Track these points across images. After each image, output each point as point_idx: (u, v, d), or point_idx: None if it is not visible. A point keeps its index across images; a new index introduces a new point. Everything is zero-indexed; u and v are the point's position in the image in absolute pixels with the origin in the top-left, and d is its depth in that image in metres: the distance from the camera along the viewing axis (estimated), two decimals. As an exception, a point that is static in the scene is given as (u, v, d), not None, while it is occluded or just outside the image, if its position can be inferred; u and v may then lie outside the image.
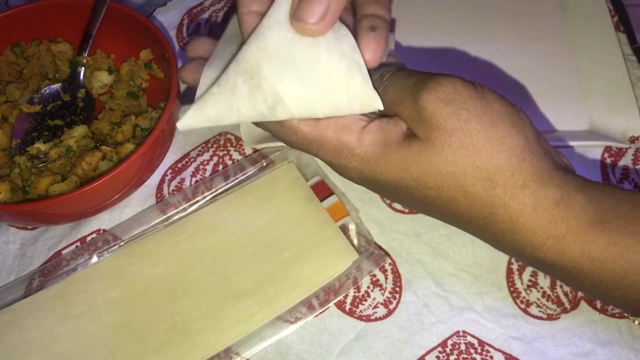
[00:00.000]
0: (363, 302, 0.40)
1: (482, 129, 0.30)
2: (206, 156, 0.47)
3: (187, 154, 0.47)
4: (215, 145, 0.47)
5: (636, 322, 0.37)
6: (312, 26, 0.31)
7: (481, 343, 0.38)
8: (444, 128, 0.30)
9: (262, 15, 0.33)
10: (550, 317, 0.38)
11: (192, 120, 0.35)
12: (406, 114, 0.32)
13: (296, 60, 0.32)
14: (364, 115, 0.34)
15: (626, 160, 0.45)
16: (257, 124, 0.37)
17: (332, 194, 0.43)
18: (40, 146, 0.44)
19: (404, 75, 0.33)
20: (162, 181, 0.46)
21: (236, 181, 0.44)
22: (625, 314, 0.37)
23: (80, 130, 0.44)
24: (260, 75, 0.32)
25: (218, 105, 0.34)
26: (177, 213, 0.43)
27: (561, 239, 0.30)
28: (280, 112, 0.33)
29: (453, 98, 0.31)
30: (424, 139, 0.31)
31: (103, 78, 0.48)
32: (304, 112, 0.33)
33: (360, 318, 0.39)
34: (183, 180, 0.46)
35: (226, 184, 0.44)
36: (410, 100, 0.31)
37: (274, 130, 0.36)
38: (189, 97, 0.50)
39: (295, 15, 0.31)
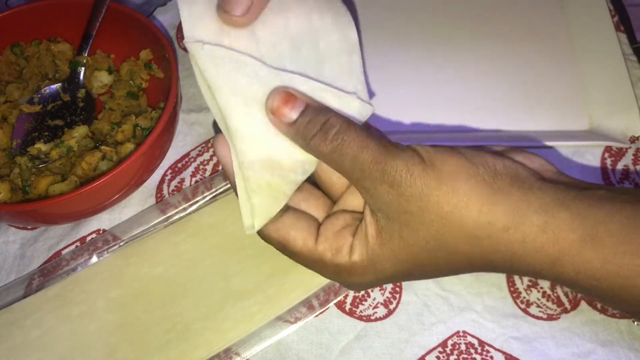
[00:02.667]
0: (363, 302, 0.39)
1: (444, 200, 0.30)
2: (206, 156, 0.47)
3: (187, 154, 0.47)
4: (215, 145, 0.47)
5: (636, 323, 0.37)
6: (238, 18, 0.33)
7: (481, 343, 0.38)
8: (411, 211, 0.31)
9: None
10: (550, 317, 0.38)
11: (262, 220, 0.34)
12: (369, 191, 0.32)
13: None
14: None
15: (626, 160, 0.45)
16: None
17: (332, 194, 0.43)
18: (41, 146, 0.44)
19: (358, 142, 0.32)
20: (162, 181, 0.46)
21: (236, 181, 0.44)
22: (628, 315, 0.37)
23: (81, 130, 0.44)
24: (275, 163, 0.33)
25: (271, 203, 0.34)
26: (177, 213, 0.43)
27: (556, 262, 0.31)
28: (307, 166, 0.34)
29: (406, 181, 0.31)
30: (396, 221, 0.32)
31: (103, 78, 0.48)
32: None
33: (360, 318, 0.39)
34: (183, 180, 0.46)
35: (226, 184, 0.44)
36: (376, 183, 0.31)
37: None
38: (190, 102, 0.50)
39: (222, 6, 0.32)
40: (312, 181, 0.37)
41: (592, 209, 0.30)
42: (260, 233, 0.35)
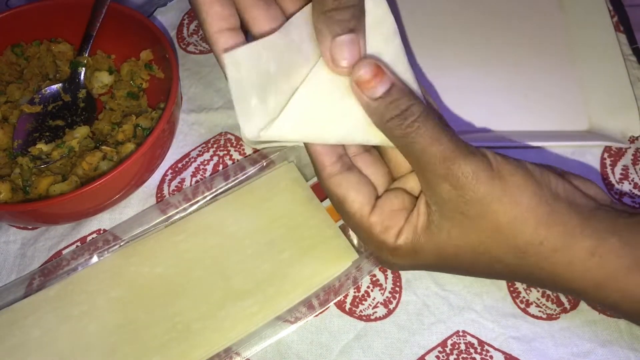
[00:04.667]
0: (363, 302, 0.40)
1: (503, 211, 0.31)
2: (206, 156, 0.47)
3: (187, 154, 0.47)
4: (215, 145, 0.47)
5: None
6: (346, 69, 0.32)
7: (481, 343, 0.38)
8: (467, 214, 0.31)
9: (233, 31, 0.35)
10: (550, 317, 0.38)
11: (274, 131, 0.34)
12: (429, 185, 0.32)
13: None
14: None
15: (626, 161, 0.45)
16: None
17: (332, 194, 0.43)
18: (42, 147, 0.44)
19: (432, 134, 0.31)
20: (162, 181, 0.46)
21: (236, 181, 0.44)
22: None
23: (82, 130, 0.44)
24: None
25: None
26: (177, 213, 0.43)
27: (600, 285, 0.31)
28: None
29: (471, 185, 0.31)
30: (448, 219, 0.32)
31: (103, 78, 0.48)
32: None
33: (360, 318, 0.39)
34: (183, 180, 0.46)
35: (226, 184, 0.44)
36: (439, 180, 0.31)
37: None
38: (190, 102, 0.50)
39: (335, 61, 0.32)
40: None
41: None
42: (322, 182, 0.36)
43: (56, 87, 0.47)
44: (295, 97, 0.33)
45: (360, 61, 0.32)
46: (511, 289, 0.40)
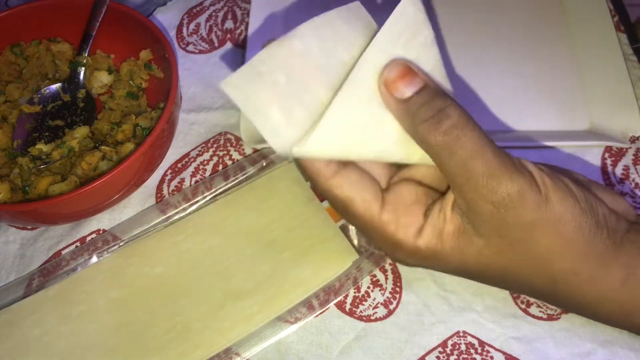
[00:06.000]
0: (363, 302, 0.39)
1: (544, 242, 0.29)
2: (206, 156, 0.47)
3: (187, 154, 0.47)
4: (215, 146, 0.47)
5: None
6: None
7: (481, 343, 0.38)
8: (506, 237, 0.30)
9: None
10: (550, 317, 0.38)
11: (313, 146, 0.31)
12: (467, 201, 0.29)
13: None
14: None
15: (626, 161, 0.45)
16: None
17: (332, 194, 0.43)
18: (42, 147, 0.44)
19: (473, 145, 0.28)
20: (162, 181, 0.46)
21: (236, 181, 0.44)
22: None
23: (82, 131, 0.44)
24: None
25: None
26: (177, 213, 0.43)
27: (630, 314, 0.31)
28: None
29: (515, 210, 0.28)
30: (483, 237, 0.30)
31: (103, 78, 0.48)
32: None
33: (360, 318, 0.39)
34: (183, 180, 0.46)
35: (226, 184, 0.44)
36: (480, 199, 0.29)
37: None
38: (190, 102, 0.50)
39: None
40: None
41: None
42: (320, 187, 0.33)
43: (55, 86, 0.47)
44: (331, 110, 0.30)
45: (388, 63, 0.30)
46: (512, 289, 0.39)
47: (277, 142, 0.31)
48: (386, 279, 0.40)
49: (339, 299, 0.39)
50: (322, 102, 0.31)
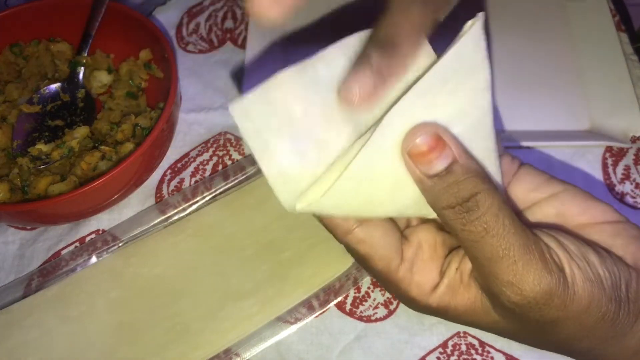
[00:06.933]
0: (363, 303, 0.39)
1: (566, 331, 0.28)
2: (206, 156, 0.47)
3: (187, 154, 0.47)
4: (214, 146, 0.47)
5: None
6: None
7: (482, 344, 0.37)
8: (526, 325, 0.29)
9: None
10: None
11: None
12: (488, 287, 0.28)
13: None
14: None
15: (627, 160, 0.45)
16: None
17: (332, 194, 0.42)
18: (42, 147, 0.44)
19: (500, 243, 0.26)
20: (161, 181, 0.46)
21: (236, 181, 0.44)
22: None
23: (82, 131, 0.44)
24: None
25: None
26: (176, 213, 0.43)
27: None
28: None
29: (540, 310, 0.27)
30: (500, 316, 0.29)
31: (102, 78, 0.48)
32: None
33: (360, 319, 0.39)
34: (182, 180, 0.46)
35: (226, 184, 0.44)
36: (502, 294, 0.27)
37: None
38: (190, 102, 0.50)
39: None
40: None
41: None
42: (338, 239, 0.31)
43: (55, 86, 0.47)
44: (351, 166, 0.26)
45: (416, 127, 0.26)
46: (512, 289, 0.39)
47: (284, 191, 0.27)
48: (386, 279, 0.40)
49: (339, 299, 0.39)
50: (341, 144, 0.28)
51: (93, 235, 0.43)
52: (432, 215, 0.29)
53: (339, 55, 0.27)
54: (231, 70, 0.51)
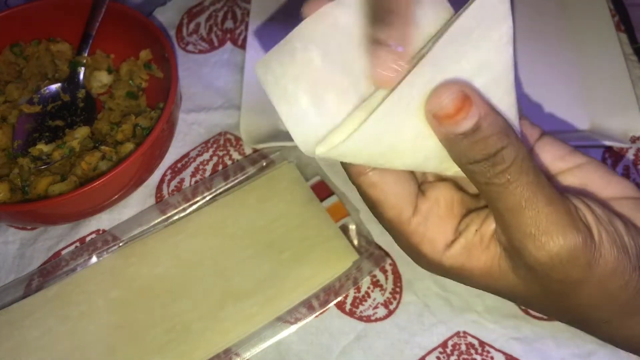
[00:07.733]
0: (363, 303, 0.39)
1: (588, 295, 0.28)
2: (206, 156, 0.47)
3: (187, 154, 0.47)
4: (215, 145, 0.47)
5: None
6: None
7: (482, 344, 0.38)
8: (547, 288, 0.28)
9: None
10: (551, 318, 0.38)
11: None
12: (511, 242, 0.28)
13: None
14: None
15: (627, 161, 0.45)
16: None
17: (332, 194, 0.43)
18: (42, 147, 0.44)
19: (525, 194, 0.26)
20: (161, 181, 0.46)
21: (236, 181, 0.44)
22: None
23: (82, 131, 0.44)
24: None
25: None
26: (176, 213, 0.43)
27: None
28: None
29: (564, 269, 0.27)
30: (520, 278, 0.29)
31: (102, 78, 0.48)
32: None
33: (360, 318, 0.39)
34: (183, 180, 0.46)
35: (226, 184, 0.44)
36: (526, 250, 0.27)
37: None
38: (190, 102, 0.50)
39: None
40: None
41: None
42: (351, 179, 0.30)
43: (55, 86, 0.47)
44: (373, 116, 0.25)
45: (440, 88, 0.25)
46: (512, 289, 0.39)
47: (301, 133, 0.27)
48: (386, 279, 0.40)
49: (339, 299, 0.39)
50: (361, 91, 0.27)
51: (93, 235, 0.43)
52: (452, 170, 0.28)
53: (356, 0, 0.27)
54: (231, 70, 0.51)
